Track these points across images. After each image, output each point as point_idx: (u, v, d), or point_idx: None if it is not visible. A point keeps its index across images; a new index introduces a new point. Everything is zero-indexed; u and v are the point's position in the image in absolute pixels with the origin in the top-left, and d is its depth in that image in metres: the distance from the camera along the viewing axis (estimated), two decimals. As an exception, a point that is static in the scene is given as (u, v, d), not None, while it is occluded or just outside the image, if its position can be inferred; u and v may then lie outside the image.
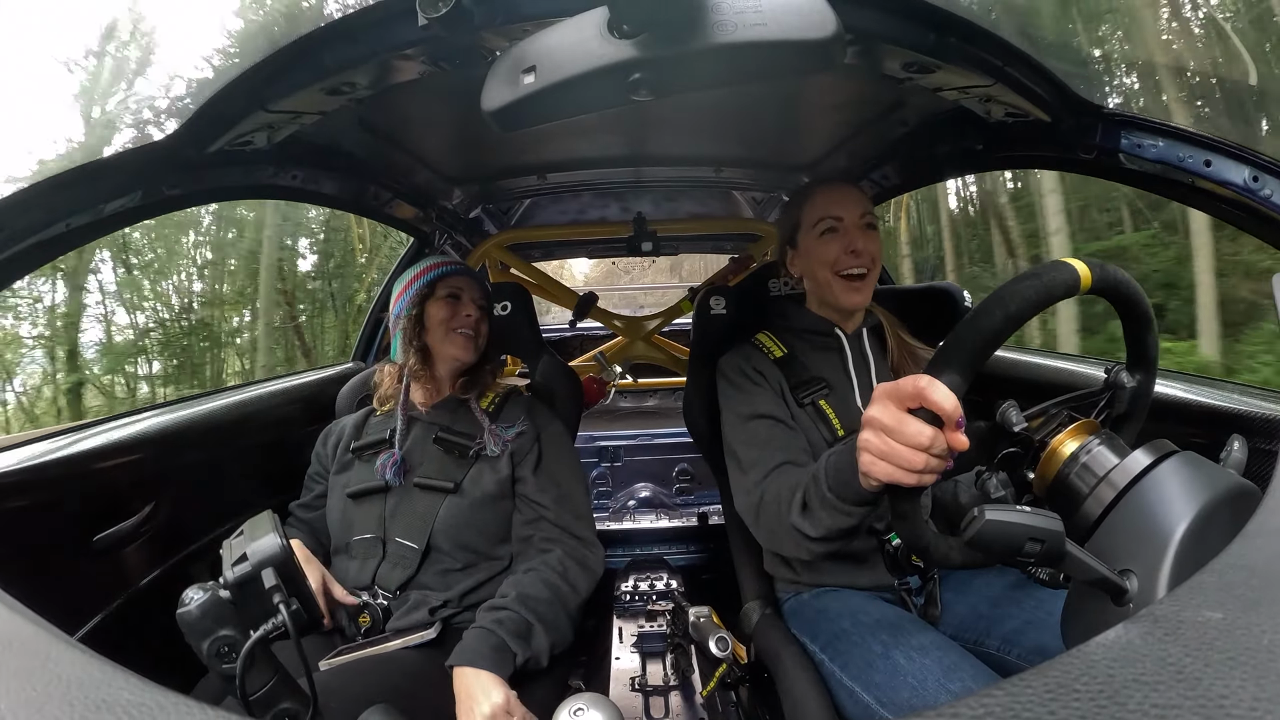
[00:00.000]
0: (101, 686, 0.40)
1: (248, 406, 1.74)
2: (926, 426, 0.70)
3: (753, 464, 1.23)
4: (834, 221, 1.30)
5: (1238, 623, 0.38)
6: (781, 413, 1.29)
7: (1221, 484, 0.65)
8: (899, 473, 0.73)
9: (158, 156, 1.10)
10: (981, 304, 0.71)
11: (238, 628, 0.73)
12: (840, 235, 1.30)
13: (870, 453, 0.75)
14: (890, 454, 0.72)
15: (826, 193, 1.34)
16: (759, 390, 1.32)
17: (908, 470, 0.72)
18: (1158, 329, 0.84)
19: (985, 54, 1.06)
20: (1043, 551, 0.62)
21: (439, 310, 1.42)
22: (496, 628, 1.13)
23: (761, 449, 1.23)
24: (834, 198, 1.32)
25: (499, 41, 0.95)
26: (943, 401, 0.68)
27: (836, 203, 1.32)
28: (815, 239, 1.32)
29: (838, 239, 1.30)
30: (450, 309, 1.43)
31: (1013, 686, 0.36)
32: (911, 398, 0.71)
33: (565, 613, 1.24)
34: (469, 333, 1.43)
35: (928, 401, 0.69)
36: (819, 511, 0.96)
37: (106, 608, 1.25)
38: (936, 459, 0.72)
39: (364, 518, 1.33)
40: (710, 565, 2.62)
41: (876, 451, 0.74)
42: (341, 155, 1.59)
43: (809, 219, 1.33)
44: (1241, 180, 1.02)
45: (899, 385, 0.72)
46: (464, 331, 1.42)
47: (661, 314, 2.77)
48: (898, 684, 0.99)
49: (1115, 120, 1.12)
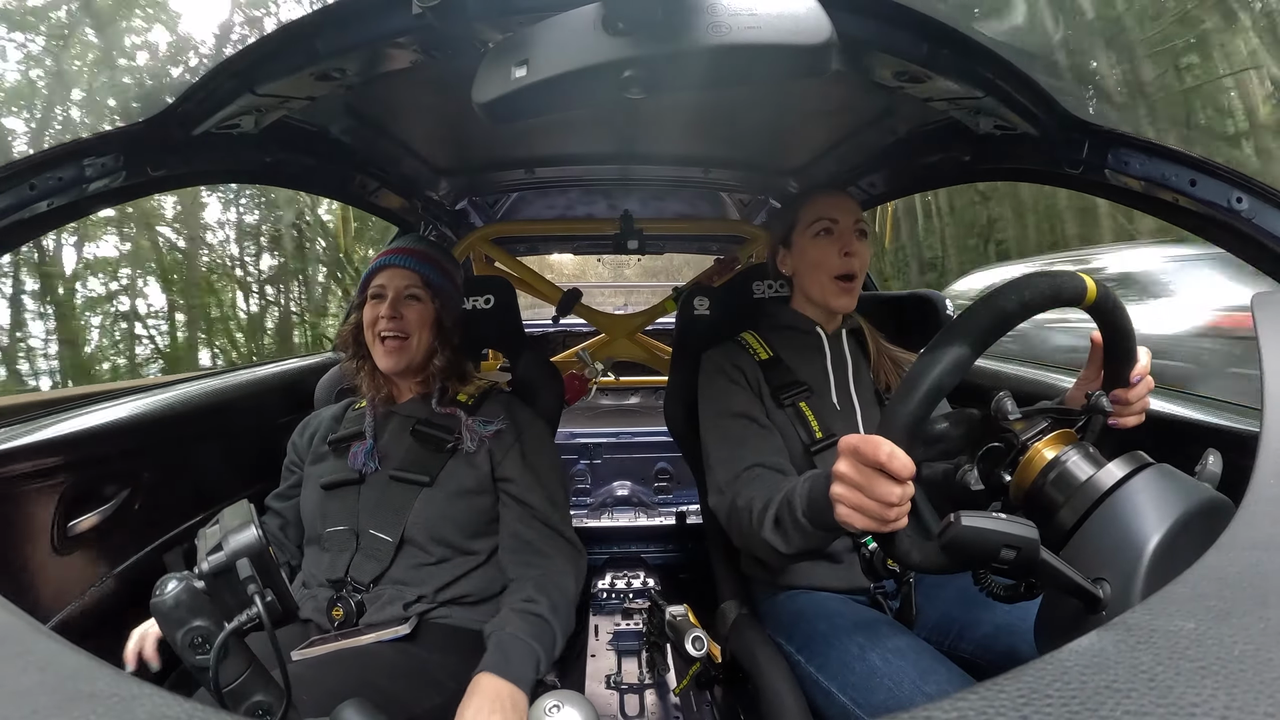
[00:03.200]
0: (76, 677, 0.40)
1: (226, 394, 1.71)
2: (894, 485, 0.73)
3: (723, 462, 1.25)
4: (830, 223, 1.35)
5: (1209, 633, 0.39)
6: (756, 412, 1.31)
7: (1196, 497, 0.66)
8: (874, 523, 0.76)
9: (142, 137, 1.08)
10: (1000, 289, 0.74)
11: (212, 619, 0.72)
12: (835, 237, 1.35)
13: (845, 505, 0.78)
14: (863, 508, 0.76)
15: (824, 197, 1.39)
16: (736, 389, 1.34)
17: (881, 521, 0.76)
18: None
19: (977, 66, 1.07)
20: (1017, 559, 0.63)
21: (367, 313, 1.37)
22: (531, 640, 1.11)
23: (733, 448, 1.26)
24: (831, 202, 1.38)
25: (492, 33, 0.95)
26: (901, 471, 0.72)
27: (834, 206, 1.37)
28: (810, 239, 1.37)
29: (833, 241, 1.35)
30: (372, 311, 1.36)
31: (986, 690, 0.36)
32: (873, 463, 0.74)
33: (570, 618, 1.24)
34: (395, 336, 1.34)
35: (889, 470, 0.72)
36: (792, 532, 0.99)
37: (81, 596, 1.23)
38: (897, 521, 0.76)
39: (337, 510, 1.31)
40: (687, 564, 2.62)
41: (851, 504, 0.77)
42: (329, 142, 1.57)
43: (805, 219, 1.38)
44: (1226, 201, 1.03)
45: (861, 448, 0.75)
46: (387, 335, 1.33)
47: (645, 312, 2.77)
48: (874, 686, 1.00)
49: (1102, 136, 1.13)
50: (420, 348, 1.37)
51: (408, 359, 1.35)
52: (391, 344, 1.34)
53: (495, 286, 1.74)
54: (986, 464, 0.84)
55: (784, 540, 1.02)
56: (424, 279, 1.39)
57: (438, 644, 1.20)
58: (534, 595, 1.19)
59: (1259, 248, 1.03)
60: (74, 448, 1.26)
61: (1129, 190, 1.14)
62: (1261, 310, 0.80)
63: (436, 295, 1.40)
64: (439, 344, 1.40)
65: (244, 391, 1.78)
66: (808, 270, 1.38)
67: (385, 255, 1.41)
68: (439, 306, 1.40)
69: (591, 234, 2.73)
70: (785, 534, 1.01)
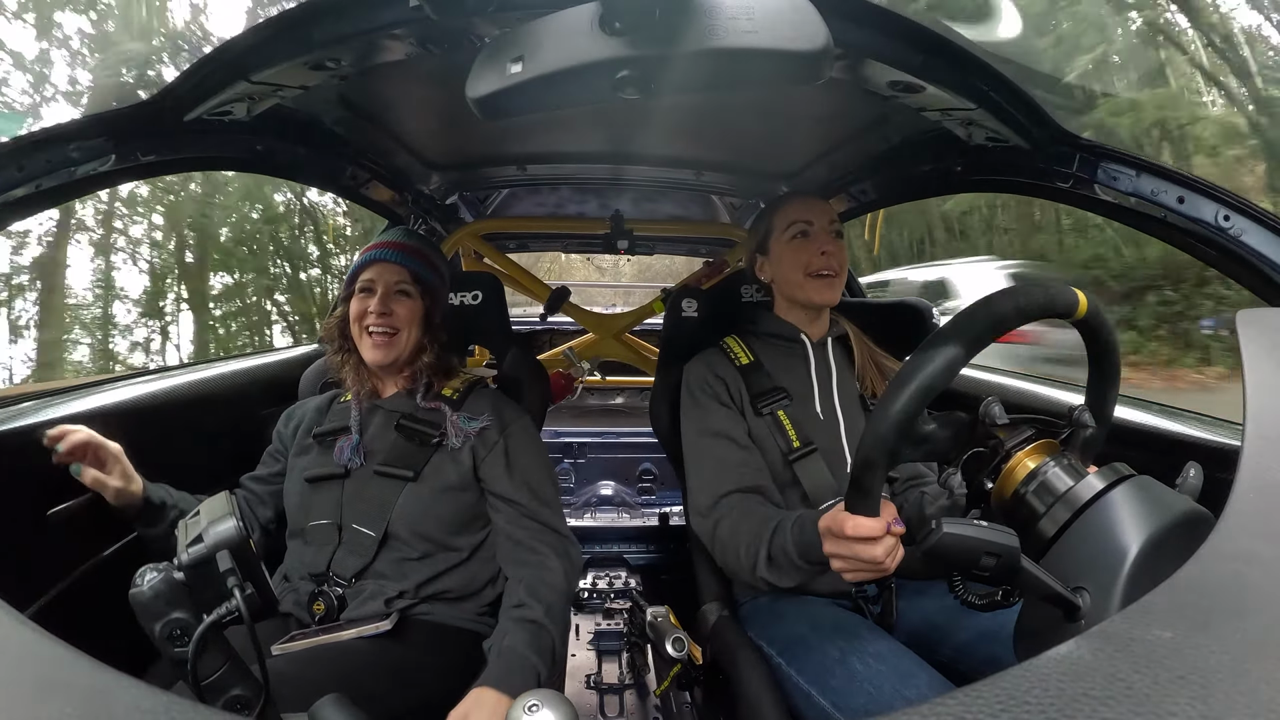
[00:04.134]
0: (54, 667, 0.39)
1: (209, 385, 1.69)
2: (875, 545, 0.83)
3: (703, 487, 1.29)
4: (805, 225, 1.37)
5: (1187, 642, 0.39)
6: (737, 431, 1.32)
7: (1176, 508, 0.67)
8: (869, 574, 0.88)
9: (134, 121, 1.07)
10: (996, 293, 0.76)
11: (191, 611, 0.71)
12: (811, 239, 1.36)
13: (840, 565, 0.89)
14: (856, 568, 0.87)
15: (797, 201, 1.42)
16: (717, 406, 1.36)
17: (878, 571, 0.86)
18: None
19: (970, 78, 1.08)
20: (998, 566, 0.63)
21: (355, 306, 1.36)
22: (531, 654, 1.11)
23: (715, 471, 1.29)
24: (805, 205, 1.41)
25: (489, 28, 0.95)
26: (872, 532, 0.83)
27: (807, 209, 1.40)
28: (786, 243, 1.38)
29: (809, 243, 1.36)
30: (360, 305, 1.34)
31: (965, 696, 0.36)
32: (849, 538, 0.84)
33: (566, 616, 1.24)
34: (383, 331, 1.33)
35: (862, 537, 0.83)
36: (790, 571, 1.08)
37: (59, 584, 1.21)
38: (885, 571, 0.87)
39: (321, 503, 1.30)
40: (669, 565, 2.62)
41: (845, 566, 0.88)
42: (321, 132, 1.56)
43: (780, 224, 1.39)
44: (1213, 218, 1.05)
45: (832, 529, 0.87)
46: (374, 330, 1.32)
47: (633, 312, 2.77)
48: (854, 689, 1.00)
49: (1093, 152, 1.14)
50: (408, 344, 1.36)
51: (395, 354, 1.34)
52: (380, 338, 1.32)
53: (484, 282, 1.73)
54: (970, 469, 0.85)
55: (781, 577, 1.10)
56: (414, 274, 1.37)
57: (419, 641, 1.20)
58: (526, 599, 1.19)
59: (1244, 265, 1.04)
60: None
61: (1118, 206, 1.15)
62: (1245, 327, 0.81)
63: (426, 291, 1.39)
64: (427, 340, 1.40)
65: (228, 383, 1.76)
66: (786, 273, 1.39)
67: (375, 249, 1.39)
68: (428, 303, 1.39)
69: (582, 233, 2.72)
70: (780, 570, 1.10)
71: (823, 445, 1.31)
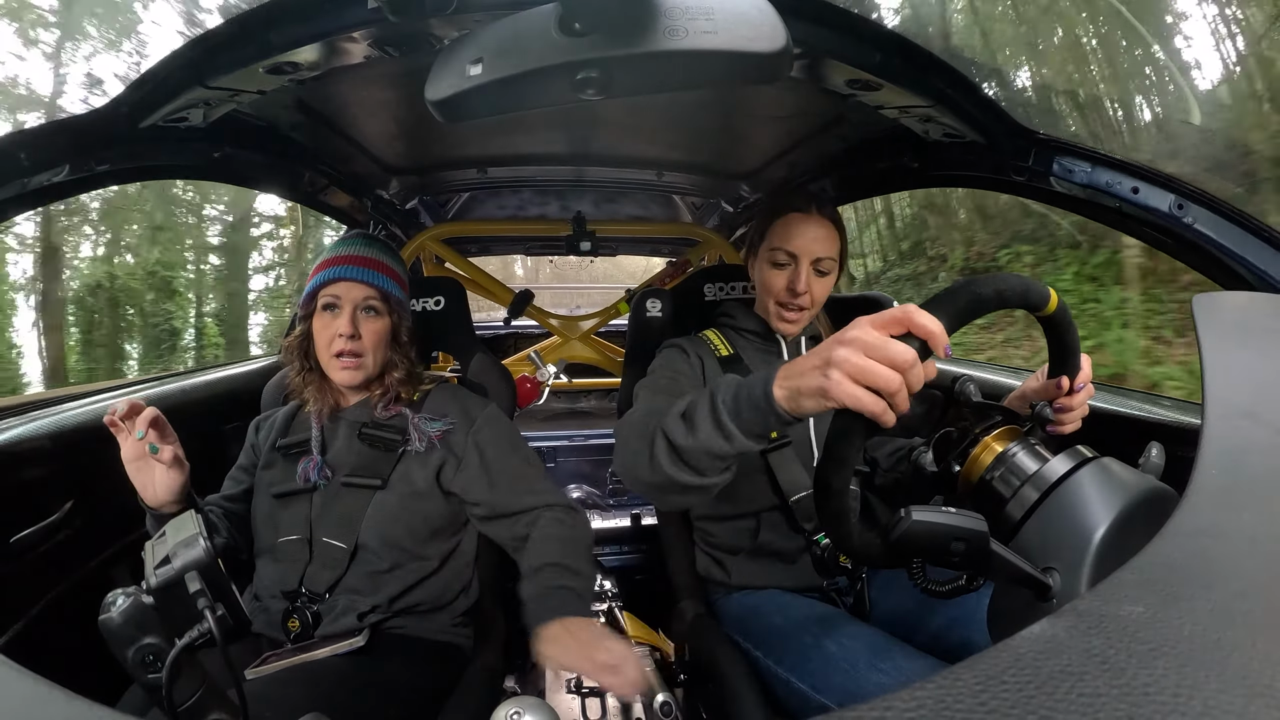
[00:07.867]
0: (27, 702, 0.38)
1: (169, 399, 1.65)
2: (910, 348, 0.66)
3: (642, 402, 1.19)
4: (787, 258, 1.31)
5: (1158, 616, 0.40)
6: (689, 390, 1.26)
7: (1140, 487, 0.69)
8: (868, 397, 0.67)
9: (88, 130, 1.05)
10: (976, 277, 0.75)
11: (163, 635, 0.69)
12: (788, 271, 1.31)
13: (842, 370, 0.67)
14: (866, 371, 0.66)
15: (795, 224, 1.31)
16: (686, 366, 1.35)
17: (882, 390, 0.66)
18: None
19: (927, 76, 1.10)
20: (967, 550, 0.64)
21: (319, 327, 1.28)
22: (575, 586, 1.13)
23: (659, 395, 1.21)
24: (795, 232, 1.30)
25: (448, 30, 0.94)
26: (929, 324, 0.66)
27: (796, 238, 1.30)
28: (766, 265, 1.34)
29: (785, 274, 1.31)
30: (325, 326, 1.26)
31: (943, 679, 0.36)
32: (895, 324, 0.68)
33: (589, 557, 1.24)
34: (353, 353, 1.26)
35: (914, 325, 0.66)
36: (701, 423, 0.84)
37: (26, 614, 1.17)
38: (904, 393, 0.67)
39: (290, 519, 1.27)
40: (644, 566, 2.61)
41: (851, 369, 0.67)
42: (279, 138, 1.53)
43: (767, 243, 1.34)
44: (1166, 206, 1.09)
45: (880, 314, 0.69)
46: (344, 353, 1.25)
47: (598, 314, 2.76)
48: (830, 670, 1.02)
49: (1048, 145, 1.17)
50: (377, 364, 1.30)
51: (365, 375, 1.29)
52: (349, 360, 1.26)
53: (446, 288, 1.71)
54: (940, 450, 0.86)
55: (684, 431, 0.86)
56: (382, 292, 1.29)
57: (394, 655, 1.18)
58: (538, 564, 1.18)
59: (1197, 251, 1.08)
60: (13, 456, 1.20)
61: (1073, 197, 1.18)
62: (1201, 311, 0.83)
63: (394, 308, 1.32)
64: (396, 358, 1.34)
65: (189, 398, 1.71)
66: (760, 288, 1.39)
67: (337, 265, 1.27)
68: (395, 320, 1.32)
69: (544, 235, 2.71)
70: (691, 424, 0.86)
71: (795, 439, 1.32)
